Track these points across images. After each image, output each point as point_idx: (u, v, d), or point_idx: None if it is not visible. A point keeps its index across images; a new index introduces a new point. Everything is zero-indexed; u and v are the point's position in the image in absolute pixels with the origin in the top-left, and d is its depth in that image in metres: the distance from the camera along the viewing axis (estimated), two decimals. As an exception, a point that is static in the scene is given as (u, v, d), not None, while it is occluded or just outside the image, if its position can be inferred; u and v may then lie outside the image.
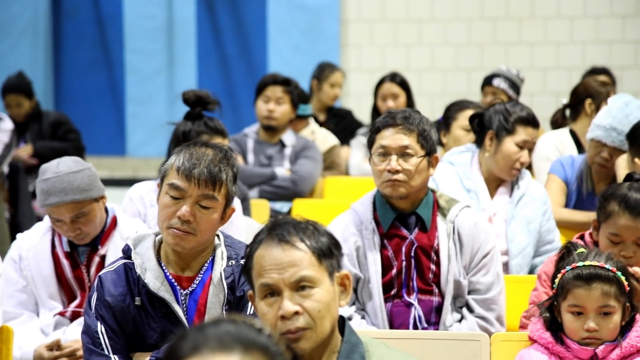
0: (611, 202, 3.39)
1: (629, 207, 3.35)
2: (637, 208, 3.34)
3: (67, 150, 6.65)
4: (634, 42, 8.69)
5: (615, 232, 3.37)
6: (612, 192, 3.41)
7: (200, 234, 2.87)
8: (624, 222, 3.35)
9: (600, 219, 3.43)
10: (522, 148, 4.29)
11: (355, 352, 2.36)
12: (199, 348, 1.49)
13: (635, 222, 3.35)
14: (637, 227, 3.35)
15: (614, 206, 3.37)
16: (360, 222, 3.65)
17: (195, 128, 4.27)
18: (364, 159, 6.45)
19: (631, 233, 3.36)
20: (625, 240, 3.36)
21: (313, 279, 2.31)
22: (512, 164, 4.29)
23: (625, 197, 3.36)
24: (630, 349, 2.98)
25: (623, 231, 3.36)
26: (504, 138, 4.29)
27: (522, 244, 4.26)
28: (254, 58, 9.19)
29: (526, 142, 4.29)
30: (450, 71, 8.98)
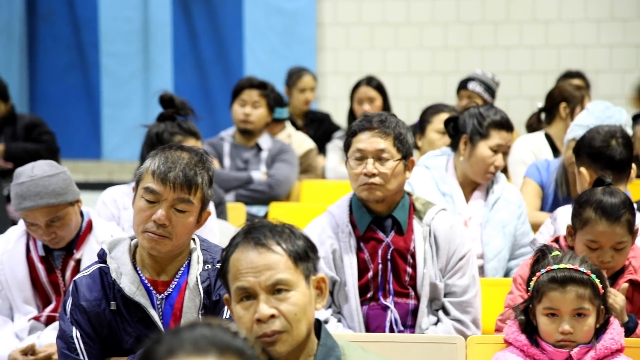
0: (587, 209, 3.39)
1: (606, 213, 3.36)
2: (613, 213, 3.35)
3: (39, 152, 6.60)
4: (608, 46, 8.74)
5: (592, 239, 3.38)
6: (587, 198, 3.42)
7: (176, 238, 2.86)
8: (602, 229, 3.36)
9: (576, 226, 3.44)
10: (496, 152, 4.32)
11: (332, 356, 2.36)
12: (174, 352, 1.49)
13: (612, 228, 3.36)
14: (614, 232, 3.36)
15: (590, 213, 3.38)
16: (336, 225, 3.66)
17: (169, 129, 4.27)
18: (340, 162, 6.45)
19: (609, 239, 3.37)
20: (603, 247, 3.37)
21: (289, 282, 2.31)
22: (486, 168, 4.31)
23: (600, 203, 3.37)
24: (604, 351, 2.99)
25: (601, 237, 3.36)
26: (478, 142, 4.32)
27: (497, 248, 4.28)
28: (230, 61, 9.17)
29: (500, 146, 4.32)
30: (427, 75, 9.00)
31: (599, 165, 4.09)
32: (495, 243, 4.28)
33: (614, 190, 3.44)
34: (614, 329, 3.04)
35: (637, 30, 8.70)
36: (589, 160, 4.14)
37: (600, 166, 4.08)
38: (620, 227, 3.36)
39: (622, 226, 3.36)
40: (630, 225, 3.38)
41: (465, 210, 4.32)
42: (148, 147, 4.26)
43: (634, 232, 3.42)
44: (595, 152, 4.11)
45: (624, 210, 3.36)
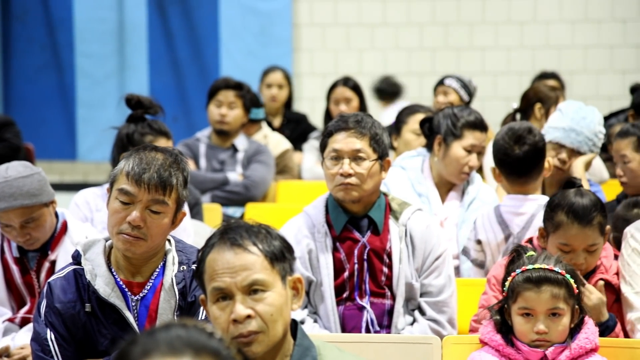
0: (558, 213, 3.41)
1: (578, 217, 3.37)
2: (585, 217, 3.37)
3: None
4: (582, 47, 8.80)
5: (565, 242, 3.39)
6: (558, 201, 3.43)
7: (150, 239, 2.85)
8: (574, 232, 3.38)
9: (548, 230, 3.46)
10: (470, 152, 4.34)
11: (308, 356, 2.36)
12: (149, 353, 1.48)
13: (585, 231, 3.38)
14: (586, 235, 3.38)
15: (562, 216, 3.40)
16: (312, 225, 3.66)
17: (139, 130, 4.26)
18: (316, 162, 6.45)
19: (581, 242, 3.39)
20: (575, 249, 3.38)
21: (265, 282, 2.30)
22: (460, 168, 4.34)
23: (572, 206, 3.39)
24: (579, 351, 3.01)
25: (573, 241, 3.38)
26: (451, 142, 4.34)
27: None
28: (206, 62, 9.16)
29: (474, 146, 4.34)
30: (403, 75, 9.02)
31: (505, 169, 4.11)
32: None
33: (585, 191, 3.46)
34: (589, 328, 3.06)
35: (611, 31, 8.76)
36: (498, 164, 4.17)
37: (507, 171, 4.10)
38: (592, 229, 3.38)
39: (594, 229, 3.38)
40: (601, 227, 3.40)
41: (441, 210, 4.34)
42: (119, 149, 4.25)
43: (605, 233, 3.45)
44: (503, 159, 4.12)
45: (596, 213, 3.38)
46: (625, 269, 3.51)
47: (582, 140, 4.55)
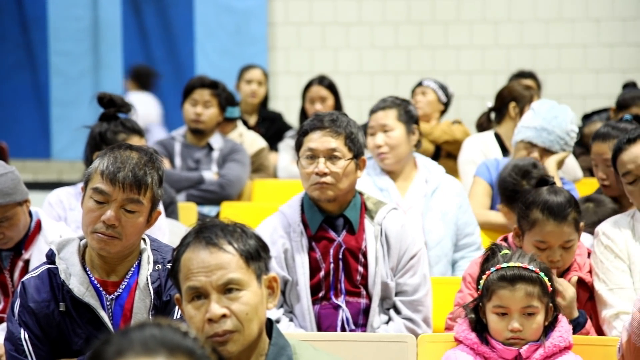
0: (533, 210, 3.43)
1: (553, 214, 3.40)
2: (560, 213, 3.40)
3: None
4: (557, 46, 8.84)
5: (541, 239, 3.41)
6: (533, 199, 3.45)
7: (125, 239, 2.84)
8: (550, 229, 3.40)
9: (523, 228, 3.47)
10: (373, 135, 4.47)
11: (283, 355, 2.36)
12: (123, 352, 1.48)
13: (560, 227, 3.40)
14: (562, 231, 3.41)
15: (537, 214, 3.42)
16: (288, 225, 3.65)
17: (112, 128, 4.25)
18: (292, 161, 6.45)
19: (557, 238, 3.41)
20: (552, 246, 3.40)
21: (241, 281, 2.30)
22: (375, 152, 4.50)
23: (547, 203, 3.41)
24: (553, 349, 3.02)
25: (549, 237, 3.40)
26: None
27: (438, 236, 4.34)
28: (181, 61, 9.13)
29: (371, 127, 4.49)
30: (378, 74, 9.03)
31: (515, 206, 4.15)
32: (437, 231, 4.34)
33: (558, 189, 3.49)
34: (562, 326, 3.08)
35: (584, 30, 8.81)
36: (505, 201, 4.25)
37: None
38: (567, 225, 3.40)
39: (569, 225, 3.41)
40: (576, 222, 3.43)
41: (403, 202, 4.36)
42: (91, 148, 4.25)
43: (580, 229, 3.47)
44: (511, 195, 4.21)
45: (570, 209, 3.41)
46: (599, 267, 3.54)
47: (553, 140, 4.58)
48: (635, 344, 2.92)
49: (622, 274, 3.50)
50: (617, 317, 3.48)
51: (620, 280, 3.50)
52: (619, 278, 3.50)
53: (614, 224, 3.60)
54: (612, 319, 3.49)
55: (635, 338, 2.90)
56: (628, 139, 3.55)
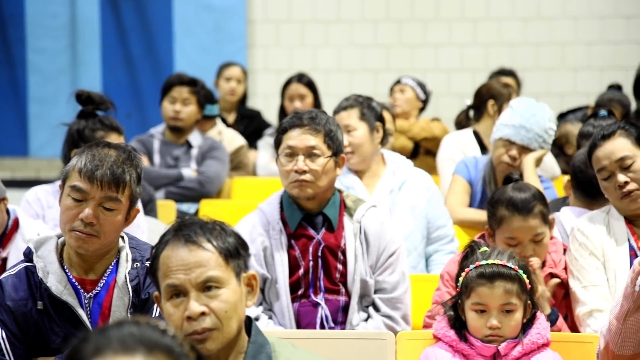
0: (499, 208, 3.46)
1: (518, 209, 3.43)
2: (525, 207, 3.43)
3: None
4: (535, 44, 8.87)
5: (510, 235, 3.44)
6: (498, 198, 3.49)
7: (103, 237, 2.83)
8: (517, 224, 3.43)
9: (493, 227, 3.51)
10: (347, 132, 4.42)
11: (262, 353, 2.36)
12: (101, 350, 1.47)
13: (527, 221, 3.44)
14: (529, 225, 3.44)
15: (503, 212, 3.45)
16: (267, 222, 3.65)
17: (90, 125, 4.24)
18: (271, 159, 6.45)
19: (526, 233, 3.44)
20: (522, 241, 3.43)
21: (220, 279, 2.30)
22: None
23: (511, 200, 3.45)
24: (531, 346, 3.04)
25: (517, 233, 3.43)
26: None
27: (407, 229, 4.35)
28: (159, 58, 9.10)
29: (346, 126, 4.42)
30: (357, 72, 9.03)
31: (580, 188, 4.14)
32: (406, 225, 4.35)
33: (523, 185, 3.54)
34: (541, 323, 3.09)
35: (563, 28, 8.84)
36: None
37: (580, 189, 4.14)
38: (534, 218, 3.44)
39: (536, 217, 3.44)
40: (544, 216, 3.46)
41: (371, 198, 4.37)
42: (69, 145, 4.24)
43: (549, 222, 3.50)
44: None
45: (535, 202, 3.45)
46: (573, 264, 3.55)
47: (532, 137, 4.59)
48: (613, 351, 2.94)
49: (596, 271, 3.52)
50: (591, 314, 3.49)
51: (594, 278, 3.51)
52: (592, 276, 3.52)
53: (589, 220, 3.61)
54: (586, 316, 3.51)
55: (613, 345, 2.92)
56: (602, 135, 3.55)
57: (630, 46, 8.73)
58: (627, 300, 2.86)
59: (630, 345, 2.90)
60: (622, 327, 2.88)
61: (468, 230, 4.69)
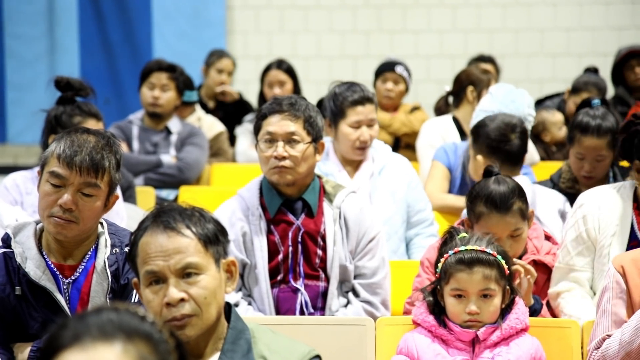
0: (478, 204, 3.46)
1: (496, 206, 3.43)
2: (503, 205, 3.43)
3: None
4: (514, 30, 8.88)
5: (487, 231, 3.44)
6: (477, 193, 3.49)
7: (82, 222, 2.82)
8: (495, 221, 3.44)
9: (471, 220, 3.51)
10: (358, 127, 4.38)
11: (241, 339, 2.36)
12: (79, 337, 1.46)
13: (505, 219, 3.44)
14: (507, 222, 3.44)
15: (481, 208, 3.46)
16: (246, 208, 3.65)
17: (68, 111, 4.22)
18: (250, 145, 6.43)
19: (503, 229, 3.44)
20: (500, 237, 3.42)
21: (199, 265, 2.30)
22: (352, 144, 4.41)
23: (490, 195, 3.45)
24: (509, 331, 3.05)
25: (495, 229, 3.43)
26: (338, 122, 4.40)
27: (387, 214, 4.37)
28: (138, 44, 9.05)
29: (359, 121, 4.38)
30: (336, 58, 9.02)
31: (496, 157, 4.19)
32: (386, 209, 4.36)
33: (502, 179, 3.52)
34: (519, 308, 3.11)
35: (541, 14, 8.85)
36: (487, 150, 4.26)
37: (498, 159, 4.18)
38: (512, 216, 3.44)
39: (514, 215, 3.44)
40: (522, 212, 3.46)
41: (350, 184, 4.38)
42: (48, 131, 4.23)
43: (527, 217, 3.50)
44: (494, 146, 4.23)
45: (514, 199, 3.44)
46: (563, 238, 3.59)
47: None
48: None
49: (578, 255, 3.54)
50: (558, 295, 3.56)
51: (574, 261, 3.56)
52: (572, 258, 3.55)
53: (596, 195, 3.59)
54: (553, 297, 3.59)
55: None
56: None
57: (609, 32, 8.76)
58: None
59: None
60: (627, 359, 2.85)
61: (447, 216, 4.71)
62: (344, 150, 4.45)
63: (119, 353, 1.46)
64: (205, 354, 2.35)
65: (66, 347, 1.47)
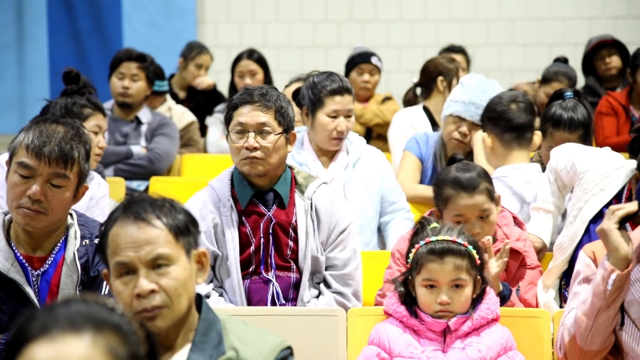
0: (445, 188, 3.50)
1: (463, 187, 3.47)
2: (470, 185, 3.47)
3: None
4: (485, 20, 8.91)
5: (457, 213, 3.48)
6: (443, 178, 3.54)
7: (51, 214, 2.80)
8: (464, 202, 3.47)
9: (440, 207, 3.54)
10: (336, 117, 4.38)
11: (212, 330, 2.35)
12: (48, 329, 1.45)
13: (473, 198, 3.47)
14: (476, 202, 3.48)
15: (449, 191, 3.49)
16: (218, 199, 3.64)
17: (80, 102, 4.19)
18: (221, 136, 6.41)
19: (472, 210, 3.48)
20: (469, 219, 3.47)
21: (169, 256, 2.29)
22: (329, 135, 4.41)
23: (456, 179, 3.49)
24: (480, 321, 3.06)
25: (464, 210, 3.47)
26: (316, 112, 4.40)
27: (362, 205, 4.38)
28: (108, 33, 8.99)
29: (337, 111, 4.39)
30: (308, 48, 9.01)
31: (498, 128, 4.27)
32: (360, 201, 4.38)
33: (466, 163, 3.59)
34: (490, 299, 3.12)
35: (513, 4, 8.88)
36: (490, 124, 4.33)
37: (500, 130, 4.27)
38: (480, 195, 3.48)
39: (482, 194, 3.48)
40: (489, 192, 3.50)
41: (325, 174, 4.38)
42: None
43: (495, 199, 3.54)
44: (495, 116, 4.30)
45: (480, 180, 3.49)
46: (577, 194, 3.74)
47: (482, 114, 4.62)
48: (581, 346, 2.95)
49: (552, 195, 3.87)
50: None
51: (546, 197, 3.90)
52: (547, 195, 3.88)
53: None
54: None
55: (582, 341, 2.93)
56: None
57: (579, 22, 8.80)
58: (599, 299, 2.86)
59: (599, 341, 2.91)
60: (592, 324, 2.89)
61: (419, 206, 4.72)
62: (319, 140, 4.44)
63: (87, 344, 1.45)
64: (176, 345, 2.34)
65: (34, 339, 1.46)
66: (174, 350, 2.34)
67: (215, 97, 7.27)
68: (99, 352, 1.45)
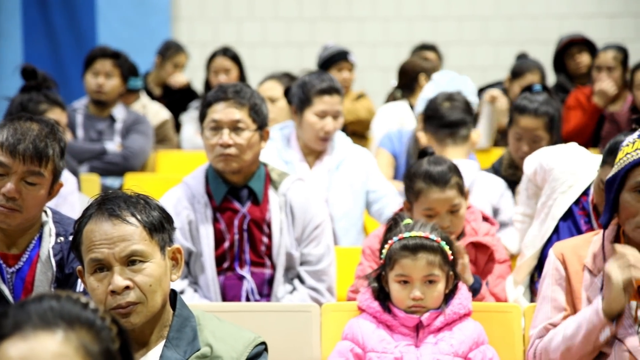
0: (417, 181, 3.51)
1: (435, 181, 3.49)
2: (441, 179, 3.49)
3: None
4: (458, 18, 8.95)
5: (428, 207, 3.50)
6: (414, 171, 3.55)
7: (26, 211, 2.80)
8: (435, 196, 3.49)
9: (410, 200, 3.56)
10: (324, 117, 4.40)
11: (187, 326, 2.37)
12: (20, 325, 1.45)
13: (444, 193, 3.49)
14: (446, 196, 3.50)
15: (420, 184, 3.50)
16: (192, 196, 3.65)
17: (35, 98, 4.19)
18: (196, 132, 6.42)
19: (443, 204, 3.50)
20: (439, 212, 3.49)
21: (144, 253, 2.30)
22: (316, 134, 4.42)
23: (428, 172, 3.51)
24: (452, 316, 3.09)
25: (435, 204, 3.49)
26: (304, 110, 4.41)
27: (345, 207, 4.39)
28: (82, 30, 8.96)
29: (325, 111, 4.41)
30: (282, 46, 9.02)
31: (433, 125, 4.31)
32: (344, 203, 4.38)
33: (437, 157, 3.61)
34: (462, 294, 3.15)
35: (484, 2, 8.93)
36: (426, 122, 4.37)
37: (434, 127, 4.30)
38: (451, 189, 3.50)
39: (452, 188, 3.50)
40: (460, 187, 3.53)
41: (309, 175, 4.39)
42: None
43: (464, 194, 3.57)
44: (429, 114, 4.34)
45: (451, 175, 3.51)
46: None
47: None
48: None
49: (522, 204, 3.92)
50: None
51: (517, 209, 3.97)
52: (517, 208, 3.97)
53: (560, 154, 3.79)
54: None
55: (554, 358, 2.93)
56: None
57: (550, 20, 8.86)
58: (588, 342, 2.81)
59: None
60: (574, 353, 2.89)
61: (391, 202, 4.73)
62: (307, 138, 4.45)
63: (60, 341, 1.45)
64: (151, 341, 2.35)
65: (7, 336, 1.45)
66: (148, 346, 2.35)
67: (189, 95, 7.26)
68: (71, 348, 1.45)
